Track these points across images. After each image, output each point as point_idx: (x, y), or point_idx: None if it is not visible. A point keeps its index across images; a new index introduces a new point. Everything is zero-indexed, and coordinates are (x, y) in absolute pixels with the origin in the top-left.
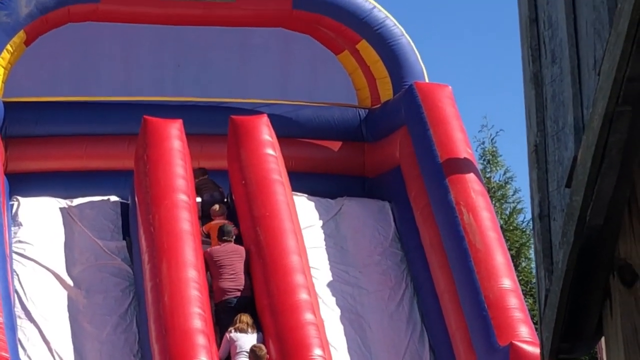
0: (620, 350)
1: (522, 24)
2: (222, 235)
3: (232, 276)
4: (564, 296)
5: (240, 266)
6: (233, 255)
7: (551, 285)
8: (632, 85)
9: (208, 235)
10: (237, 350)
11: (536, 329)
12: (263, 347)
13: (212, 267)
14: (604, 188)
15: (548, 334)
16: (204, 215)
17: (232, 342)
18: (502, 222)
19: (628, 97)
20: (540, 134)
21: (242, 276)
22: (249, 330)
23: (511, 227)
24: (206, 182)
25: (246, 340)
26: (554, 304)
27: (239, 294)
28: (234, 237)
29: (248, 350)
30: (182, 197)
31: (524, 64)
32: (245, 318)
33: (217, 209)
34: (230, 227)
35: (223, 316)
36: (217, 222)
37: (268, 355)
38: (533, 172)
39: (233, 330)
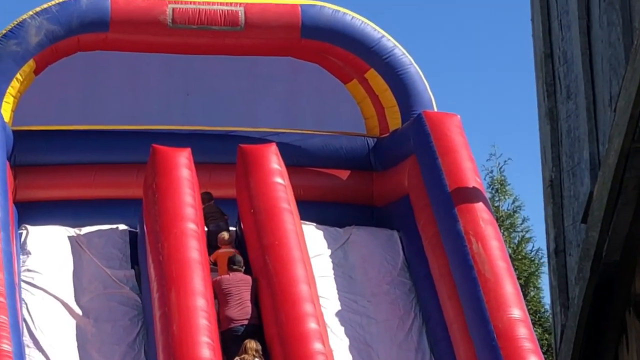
0: None
1: (537, 60)
2: (232, 264)
3: (238, 305)
4: (580, 332)
5: (247, 295)
6: (241, 284)
7: (567, 320)
8: None
9: (215, 264)
10: None
11: (546, 359)
12: None
13: (219, 296)
14: (620, 224)
15: None
16: (210, 245)
17: None
18: (510, 251)
19: None
20: (556, 169)
21: (249, 305)
22: None
23: (520, 256)
24: (212, 209)
25: None
26: (570, 339)
27: (245, 322)
28: (244, 267)
29: None
30: (191, 226)
31: (539, 99)
32: (252, 344)
33: (226, 237)
34: (240, 257)
35: (230, 345)
36: (225, 251)
37: None
38: (548, 207)
39: None
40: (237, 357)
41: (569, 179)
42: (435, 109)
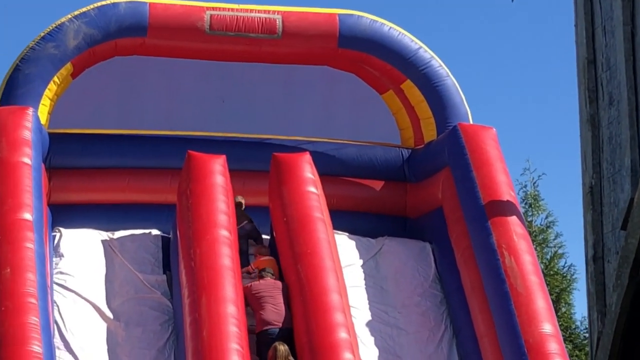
0: None
1: (580, 66)
2: (262, 272)
3: (274, 307)
4: (617, 339)
5: (280, 299)
6: (272, 288)
7: (604, 327)
8: None
9: (251, 272)
10: None
11: None
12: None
13: (252, 301)
14: None
15: None
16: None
17: None
18: (542, 267)
19: None
20: (596, 175)
21: (284, 308)
22: None
23: (552, 272)
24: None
25: None
26: (606, 346)
27: (280, 325)
28: (274, 276)
29: None
30: (224, 233)
31: (580, 106)
32: (282, 347)
33: (263, 249)
34: (271, 269)
35: (264, 348)
36: (267, 258)
37: None
38: (588, 213)
39: None
40: None
41: (609, 186)
42: (471, 122)
